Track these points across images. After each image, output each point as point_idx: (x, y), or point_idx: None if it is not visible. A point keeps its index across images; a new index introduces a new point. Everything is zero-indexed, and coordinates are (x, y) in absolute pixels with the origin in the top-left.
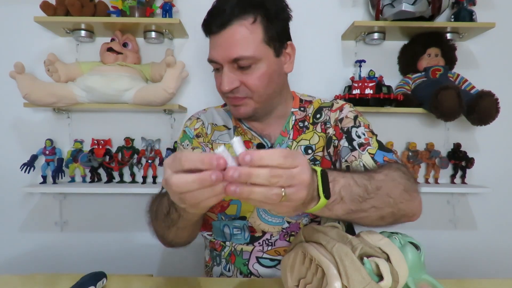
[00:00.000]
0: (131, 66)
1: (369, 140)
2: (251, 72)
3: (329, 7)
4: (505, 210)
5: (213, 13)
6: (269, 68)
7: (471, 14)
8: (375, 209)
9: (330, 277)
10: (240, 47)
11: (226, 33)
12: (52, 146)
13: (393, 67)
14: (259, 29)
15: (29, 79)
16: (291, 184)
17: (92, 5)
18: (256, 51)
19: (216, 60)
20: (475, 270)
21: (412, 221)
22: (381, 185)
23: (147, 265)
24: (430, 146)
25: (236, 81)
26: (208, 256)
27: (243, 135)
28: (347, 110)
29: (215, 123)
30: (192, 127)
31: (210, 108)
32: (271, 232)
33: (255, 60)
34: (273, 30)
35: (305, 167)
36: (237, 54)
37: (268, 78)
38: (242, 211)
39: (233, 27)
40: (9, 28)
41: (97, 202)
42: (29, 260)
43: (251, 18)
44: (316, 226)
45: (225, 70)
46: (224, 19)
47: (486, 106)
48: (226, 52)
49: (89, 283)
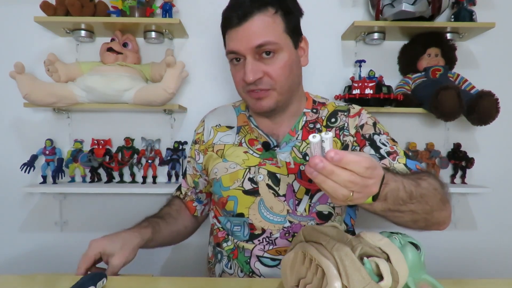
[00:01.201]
0: (131, 66)
1: (394, 148)
2: (274, 62)
3: (329, 7)
4: (505, 210)
5: (233, 7)
6: (290, 59)
7: (471, 14)
8: (412, 213)
9: (330, 277)
10: (264, 34)
11: (248, 24)
12: (52, 146)
13: (393, 67)
14: (280, 20)
15: (29, 79)
16: (361, 192)
17: (92, 5)
18: (279, 38)
19: (238, 51)
20: (475, 270)
21: (441, 230)
22: (424, 193)
23: (147, 265)
24: (430, 146)
25: (259, 72)
26: (211, 252)
27: (249, 134)
28: (365, 116)
29: (219, 123)
30: (197, 130)
31: (219, 107)
32: (271, 230)
33: (279, 48)
34: (291, 23)
35: (378, 181)
36: (261, 40)
37: (289, 69)
38: (238, 208)
39: (255, 17)
40: (9, 28)
41: (97, 202)
42: (29, 260)
43: (272, 10)
44: (316, 226)
45: (249, 60)
46: (246, 11)
47: (486, 106)
48: (250, 40)
49: (89, 283)
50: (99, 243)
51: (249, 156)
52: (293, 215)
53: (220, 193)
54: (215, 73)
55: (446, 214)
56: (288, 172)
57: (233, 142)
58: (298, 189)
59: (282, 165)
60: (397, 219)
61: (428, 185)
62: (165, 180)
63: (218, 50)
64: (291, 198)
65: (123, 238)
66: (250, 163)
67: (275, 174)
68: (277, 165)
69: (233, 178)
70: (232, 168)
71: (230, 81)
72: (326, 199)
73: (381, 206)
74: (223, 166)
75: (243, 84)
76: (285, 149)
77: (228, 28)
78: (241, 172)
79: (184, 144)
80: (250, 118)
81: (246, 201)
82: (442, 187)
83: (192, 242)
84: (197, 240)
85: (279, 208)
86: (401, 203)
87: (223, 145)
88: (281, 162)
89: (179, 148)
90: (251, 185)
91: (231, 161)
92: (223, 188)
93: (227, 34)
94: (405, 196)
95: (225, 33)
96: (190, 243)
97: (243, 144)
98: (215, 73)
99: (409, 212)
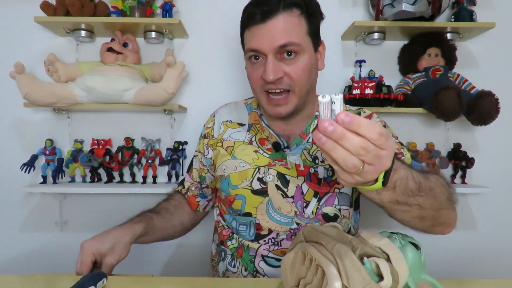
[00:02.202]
0: (131, 66)
1: (401, 150)
2: (295, 63)
3: (329, 7)
4: (505, 210)
5: (258, 3)
6: (310, 61)
7: (471, 14)
8: (419, 207)
9: (330, 277)
10: (289, 34)
11: (273, 22)
12: (52, 146)
13: (393, 67)
14: (304, 22)
15: (29, 79)
16: (372, 163)
17: (92, 5)
18: (302, 40)
19: (261, 49)
20: (475, 270)
21: (446, 233)
22: (433, 187)
23: (147, 265)
24: (430, 146)
25: (280, 72)
26: (215, 250)
27: (260, 133)
28: (375, 119)
29: (230, 119)
30: (207, 125)
31: (231, 103)
32: (277, 231)
33: (301, 49)
34: (314, 26)
35: (391, 153)
36: (286, 40)
37: (309, 71)
38: (246, 207)
39: (280, 16)
40: (9, 28)
41: (97, 202)
42: (29, 260)
43: (297, 11)
44: (316, 226)
45: (271, 59)
46: (272, 8)
47: (486, 106)
48: (273, 39)
49: (89, 283)
50: (91, 246)
51: (259, 156)
52: (301, 217)
53: (228, 191)
54: (215, 73)
55: (453, 216)
56: (297, 174)
57: (243, 140)
58: (307, 192)
59: (291, 166)
60: (404, 214)
61: (436, 180)
62: (165, 180)
63: (218, 50)
64: (300, 200)
65: (114, 237)
66: (259, 162)
67: (285, 175)
68: (287, 166)
69: (242, 177)
70: (242, 167)
71: (230, 81)
72: (333, 201)
73: (389, 197)
74: (232, 163)
75: (261, 83)
76: (295, 151)
77: (250, 25)
78: (250, 171)
79: (184, 144)
80: (261, 117)
81: (254, 201)
82: (449, 187)
83: (195, 241)
84: (199, 239)
85: (287, 209)
86: (409, 194)
87: (233, 142)
88: (290, 164)
89: (179, 148)
90: (260, 185)
91: (241, 159)
92: (231, 186)
93: (249, 30)
94: (414, 186)
95: (246, 29)
96: (193, 242)
97: (253, 142)
98: (215, 73)
99: (416, 206)
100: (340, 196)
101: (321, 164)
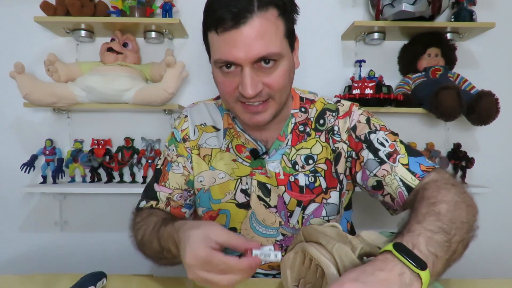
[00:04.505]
0: (131, 66)
1: (395, 146)
2: (275, 71)
3: (329, 7)
4: (505, 210)
5: (224, 2)
6: (289, 65)
7: (471, 14)
8: (461, 243)
9: (330, 277)
10: (267, 42)
11: (248, 29)
12: (52, 146)
13: (393, 67)
14: (281, 23)
15: (29, 79)
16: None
17: (92, 5)
18: (281, 46)
19: (235, 61)
20: (475, 270)
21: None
22: (451, 216)
23: (147, 265)
24: (430, 146)
25: (260, 84)
26: None
27: (236, 138)
28: (356, 114)
29: (204, 122)
30: (180, 128)
31: (200, 103)
32: (263, 245)
33: (280, 57)
34: (291, 24)
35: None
36: (265, 52)
37: (288, 76)
38: (231, 222)
39: (255, 20)
40: (9, 28)
41: (97, 202)
42: (29, 260)
43: (274, 11)
44: (316, 226)
45: (248, 72)
46: (244, 10)
47: (486, 106)
48: (249, 50)
49: (89, 283)
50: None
51: (238, 165)
52: (286, 227)
53: (209, 206)
54: None
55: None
56: (277, 183)
57: (220, 147)
58: (289, 201)
59: (271, 175)
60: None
61: (447, 206)
62: None
63: None
64: (283, 210)
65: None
66: (240, 172)
67: (265, 184)
68: (267, 175)
69: (223, 190)
70: (221, 178)
71: None
72: (320, 212)
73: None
74: (210, 175)
75: (237, 94)
76: (275, 157)
77: (217, 30)
78: (232, 183)
79: None
80: (234, 120)
81: (239, 215)
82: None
83: None
84: None
85: (271, 220)
86: (447, 245)
87: (210, 149)
88: (270, 173)
89: None
90: (245, 197)
91: (219, 169)
92: (213, 200)
93: (217, 35)
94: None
95: (212, 31)
96: None
97: (230, 150)
98: None
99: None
100: (328, 206)
101: (302, 171)
